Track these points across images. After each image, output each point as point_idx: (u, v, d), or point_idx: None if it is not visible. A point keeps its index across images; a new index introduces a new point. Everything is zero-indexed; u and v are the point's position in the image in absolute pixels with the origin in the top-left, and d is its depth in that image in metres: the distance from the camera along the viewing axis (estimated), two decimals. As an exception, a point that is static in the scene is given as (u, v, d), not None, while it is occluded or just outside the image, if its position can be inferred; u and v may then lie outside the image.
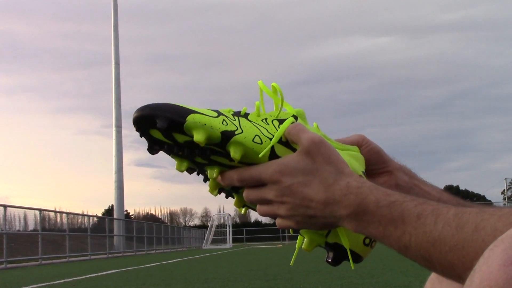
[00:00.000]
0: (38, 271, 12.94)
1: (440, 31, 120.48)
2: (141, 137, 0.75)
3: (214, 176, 0.76)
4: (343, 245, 0.77)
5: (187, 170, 0.78)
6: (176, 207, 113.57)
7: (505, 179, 50.51)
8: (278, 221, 0.75)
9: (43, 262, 18.16)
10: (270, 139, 0.75)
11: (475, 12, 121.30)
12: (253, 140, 0.73)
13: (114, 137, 33.44)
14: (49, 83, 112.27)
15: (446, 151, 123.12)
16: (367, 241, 0.78)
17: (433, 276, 0.85)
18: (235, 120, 0.75)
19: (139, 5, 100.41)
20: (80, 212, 34.09)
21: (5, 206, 16.57)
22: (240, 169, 0.74)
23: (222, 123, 0.73)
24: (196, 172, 0.79)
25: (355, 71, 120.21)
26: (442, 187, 0.90)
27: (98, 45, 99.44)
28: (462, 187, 77.15)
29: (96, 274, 10.40)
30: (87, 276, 9.95)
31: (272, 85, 0.78)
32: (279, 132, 0.75)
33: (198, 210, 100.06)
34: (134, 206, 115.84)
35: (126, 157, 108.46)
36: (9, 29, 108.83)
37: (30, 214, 20.36)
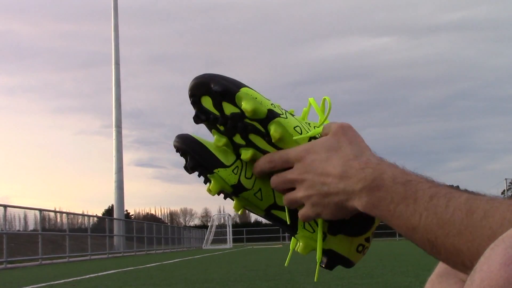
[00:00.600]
0: (38, 271, 12.94)
1: (440, 31, 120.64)
2: (192, 104, 0.80)
3: (248, 157, 0.80)
4: (336, 251, 0.82)
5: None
6: (176, 207, 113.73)
7: (505, 179, 50.51)
8: (301, 212, 0.78)
9: (43, 262, 18.16)
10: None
11: (475, 12, 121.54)
12: (294, 128, 0.78)
13: (114, 137, 33.44)
14: (49, 83, 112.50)
15: (446, 151, 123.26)
16: (360, 248, 0.82)
17: (433, 276, 0.86)
18: (282, 110, 0.81)
19: (139, 5, 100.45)
20: (80, 212, 34.13)
21: (5, 206, 16.56)
22: (272, 152, 0.79)
23: (271, 105, 0.79)
24: (197, 174, 0.82)
25: (355, 71, 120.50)
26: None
27: (98, 45, 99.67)
28: (462, 187, 76.73)
29: (96, 274, 10.40)
30: (87, 276, 9.94)
31: (324, 98, 0.83)
32: (320, 128, 0.80)
33: (198, 210, 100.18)
34: (134, 206, 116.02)
35: (126, 157, 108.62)
36: (9, 29, 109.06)
37: (30, 214, 20.41)
